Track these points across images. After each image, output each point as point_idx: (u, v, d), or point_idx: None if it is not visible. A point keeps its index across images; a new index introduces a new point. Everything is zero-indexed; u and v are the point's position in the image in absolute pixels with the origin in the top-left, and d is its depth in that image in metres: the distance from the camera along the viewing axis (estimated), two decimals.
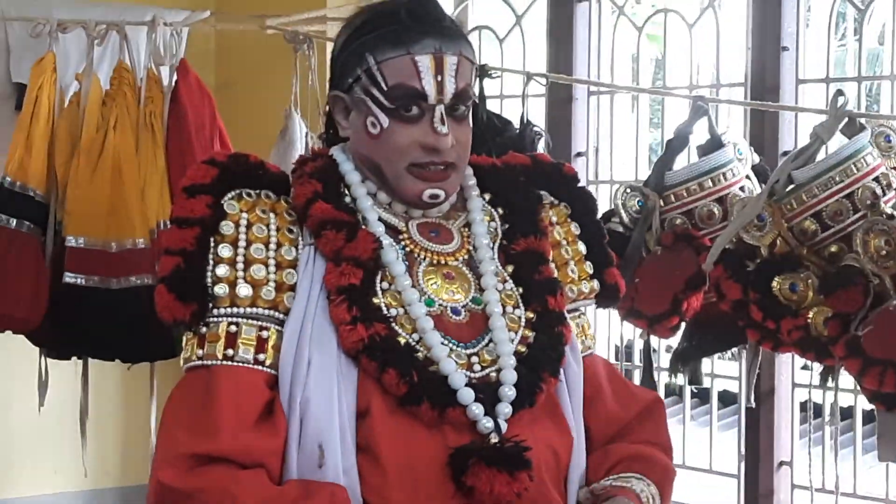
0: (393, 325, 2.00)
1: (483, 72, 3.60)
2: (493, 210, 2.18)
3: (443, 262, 2.10)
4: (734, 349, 3.32)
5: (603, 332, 3.70)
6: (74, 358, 3.91)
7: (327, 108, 2.27)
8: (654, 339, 3.36)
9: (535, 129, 3.56)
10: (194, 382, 2.00)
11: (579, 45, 4.05)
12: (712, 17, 3.75)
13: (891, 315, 2.66)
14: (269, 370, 1.99)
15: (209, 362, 1.99)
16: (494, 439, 1.97)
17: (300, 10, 4.26)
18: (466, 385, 1.99)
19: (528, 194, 2.21)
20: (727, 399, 4.36)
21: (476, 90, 2.19)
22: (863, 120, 2.91)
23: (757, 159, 3.26)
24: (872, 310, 2.71)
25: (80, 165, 3.75)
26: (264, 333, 2.00)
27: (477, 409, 1.98)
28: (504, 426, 1.99)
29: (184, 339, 2.05)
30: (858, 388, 2.81)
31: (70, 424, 4.04)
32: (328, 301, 2.00)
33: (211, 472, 1.92)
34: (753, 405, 3.37)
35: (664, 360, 3.59)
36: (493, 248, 2.13)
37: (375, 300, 2.01)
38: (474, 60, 2.08)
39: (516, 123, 3.55)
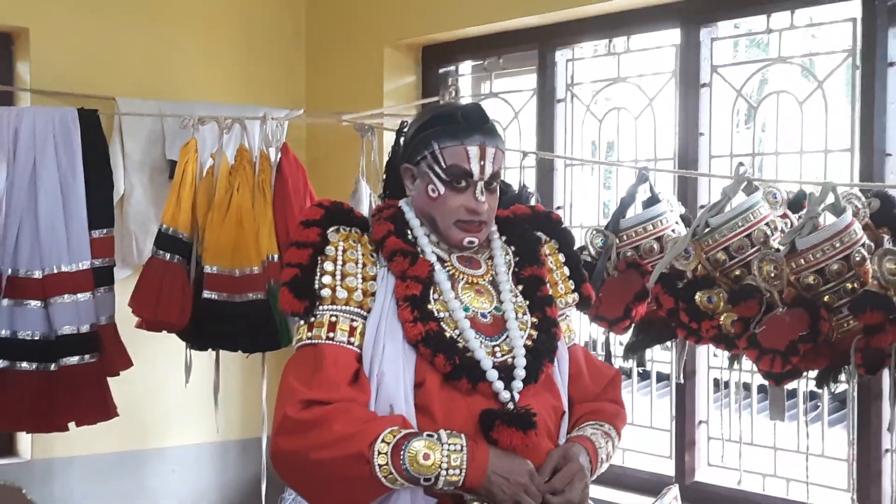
0: (441, 323, 2.04)
1: None
2: (507, 247, 2.22)
3: (474, 281, 2.14)
4: (668, 342, 3.30)
5: (576, 330, 3.71)
6: (210, 349, 3.91)
7: (385, 176, 2.31)
8: (612, 336, 3.36)
9: (529, 190, 3.57)
10: (306, 354, 2.04)
11: (558, 132, 4.06)
12: (650, 112, 3.77)
13: (778, 319, 2.66)
14: (356, 349, 2.03)
15: (316, 341, 2.03)
16: (510, 406, 2.02)
17: (365, 108, 4.29)
18: (492, 367, 2.03)
19: (531, 237, 2.26)
20: (661, 377, 4.35)
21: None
22: (756, 182, 2.92)
23: (683, 210, 3.27)
24: (765, 315, 2.71)
25: (213, 217, 3.75)
26: (354, 324, 2.04)
27: (499, 384, 2.02)
28: (517, 397, 2.03)
29: (296, 326, 2.08)
30: (755, 369, 2.80)
31: (206, 395, 4.05)
32: (397, 305, 2.04)
33: (322, 409, 1.95)
34: (682, 381, 3.37)
35: (618, 350, 3.59)
36: (508, 274, 2.18)
37: (429, 306, 2.05)
38: (505, 151, 2.14)
39: (516, 186, 3.56)
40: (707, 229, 2.82)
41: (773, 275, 2.68)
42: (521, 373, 2.04)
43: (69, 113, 3.74)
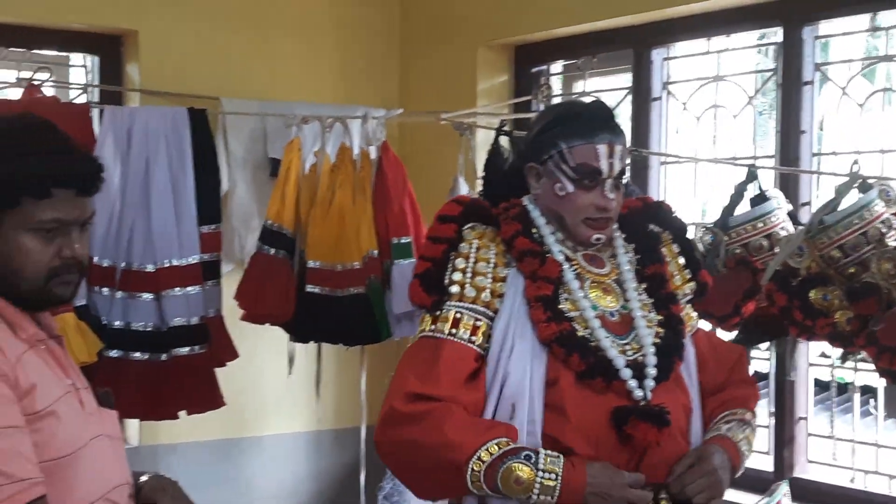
0: (573, 323, 1.97)
1: None
2: (627, 245, 2.15)
3: (601, 280, 2.08)
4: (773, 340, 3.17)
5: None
6: (312, 342, 3.87)
7: (484, 174, 2.24)
8: (720, 333, 3.22)
9: (631, 187, 3.44)
10: (425, 346, 1.98)
11: (653, 130, 3.94)
12: (751, 111, 3.65)
13: None
14: (477, 349, 1.97)
15: (438, 335, 1.97)
16: (643, 403, 1.94)
17: (458, 107, 4.18)
18: (625, 366, 1.95)
19: (651, 234, 2.19)
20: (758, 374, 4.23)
21: None
22: (870, 180, 2.79)
23: (791, 208, 3.14)
24: (884, 313, 2.57)
25: (316, 213, 3.70)
26: (478, 323, 1.98)
27: (633, 382, 1.96)
28: (650, 395, 1.95)
29: (421, 317, 2.02)
30: (860, 368, 2.66)
31: (303, 386, 4.02)
32: (527, 306, 1.97)
33: (428, 404, 1.90)
34: (792, 378, 3.24)
35: None
36: (632, 272, 2.10)
37: (560, 306, 1.99)
38: (627, 148, 2.06)
39: None
40: (821, 227, 2.71)
41: (892, 272, 2.56)
42: (652, 371, 1.99)
43: (179, 112, 3.73)
